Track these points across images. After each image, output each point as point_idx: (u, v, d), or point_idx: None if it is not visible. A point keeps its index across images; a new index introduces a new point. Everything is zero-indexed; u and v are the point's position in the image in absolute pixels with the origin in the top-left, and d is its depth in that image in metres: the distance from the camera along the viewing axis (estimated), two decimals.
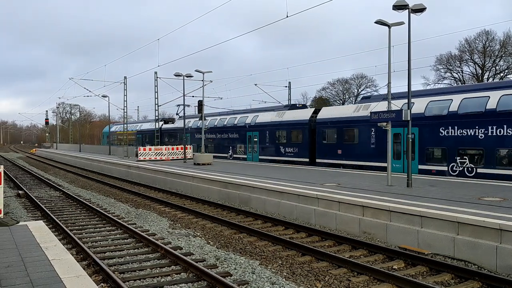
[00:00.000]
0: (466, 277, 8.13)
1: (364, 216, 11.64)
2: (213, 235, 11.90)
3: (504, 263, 8.44)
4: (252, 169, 23.64)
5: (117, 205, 17.12)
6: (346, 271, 8.69)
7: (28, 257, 6.91)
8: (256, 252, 10.13)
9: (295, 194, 14.10)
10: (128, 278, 8.17)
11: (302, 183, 16.01)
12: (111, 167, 32.46)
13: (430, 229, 9.97)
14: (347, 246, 10.58)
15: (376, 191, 13.80)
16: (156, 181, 24.17)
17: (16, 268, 6.32)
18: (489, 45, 50.71)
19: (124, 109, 43.41)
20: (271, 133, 30.35)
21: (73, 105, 78.00)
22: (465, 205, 10.85)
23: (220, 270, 8.61)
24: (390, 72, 15.81)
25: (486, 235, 8.89)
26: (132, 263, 9.15)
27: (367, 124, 22.50)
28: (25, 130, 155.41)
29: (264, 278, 8.07)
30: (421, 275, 8.52)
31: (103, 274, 8.18)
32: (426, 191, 13.69)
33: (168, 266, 8.93)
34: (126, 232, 12.01)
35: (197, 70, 28.43)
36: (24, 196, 19.40)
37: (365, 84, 67.72)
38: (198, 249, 10.29)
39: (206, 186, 19.28)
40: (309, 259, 9.54)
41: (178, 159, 33.40)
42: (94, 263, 8.77)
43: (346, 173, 20.30)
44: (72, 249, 10.14)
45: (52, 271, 6.16)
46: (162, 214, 15.26)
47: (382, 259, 9.58)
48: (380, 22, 15.34)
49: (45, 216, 14.46)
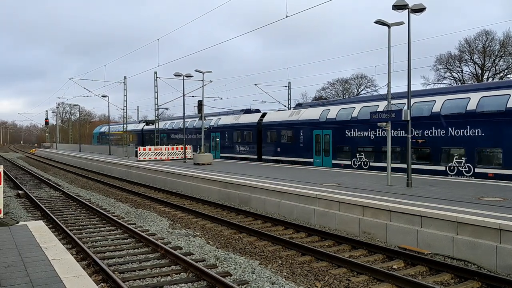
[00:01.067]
0: (466, 277, 8.13)
1: (364, 216, 11.64)
2: (213, 235, 11.90)
3: (504, 263, 8.44)
4: (252, 169, 23.64)
5: (117, 205, 17.12)
6: (345, 271, 8.69)
7: (28, 257, 6.91)
8: (256, 252, 10.14)
9: (295, 194, 14.10)
10: (128, 278, 8.17)
11: (302, 183, 16.02)
12: (111, 167, 32.46)
13: (430, 229, 9.97)
14: (347, 246, 10.58)
15: (376, 191, 13.80)
16: (156, 181, 24.18)
17: (16, 268, 6.32)
18: (488, 45, 50.72)
19: (124, 109, 43.44)
20: (229, 134, 34.05)
21: (73, 105, 77.99)
22: (465, 205, 10.85)
23: (220, 270, 8.61)
24: (390, 72, 15.81)
25: (486, 235, 8.89)
26: (132, 263, 9.15)
27: (297, 127, 27.86)
28: (25, 130, 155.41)
29: (264, 278, 8.08)
30: (421, 275, 8.52)
31: (103, 274, 8.19)
32: (426, 191, 13.70)
33: (168, 266, 8.93)
34: (126, 232, 12.02)
35: (197, 70, 28.44)
36: (24, 196, 19.40)
37: (365, 84, 67.77)
38: (198, 249, 10.30)
39: (206, 186, 19.29)
40: (309, 259, 9.55)
41: (178, 159, 33.42)
42: (94, 263, 8.77)
43: (346, 173, 20.31)
44: (72, 249, 10.14)
45: (52, 271, 6.16)
46: (162, 214, 15.26)
47: (382, 259, 9.58)
48: (379, 22, 15.35)
49: (45, 216, 14.47)
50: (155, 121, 37.06)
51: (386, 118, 15.07)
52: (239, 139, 34.67)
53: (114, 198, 19.32)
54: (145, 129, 50.29)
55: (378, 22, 15.39)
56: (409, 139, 15.04)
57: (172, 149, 34.13)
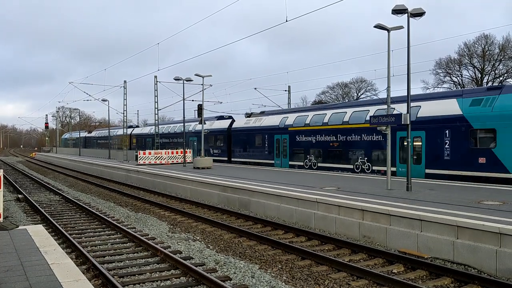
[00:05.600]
0: (466, 281, 8.13)
1: (364, 220, 11.63)
2: (212, 239, 11.89)
3: (504, 266, 8.43)
4: (251, 172, 23.64)
5: (117, 209, 17.10)
6: (345, 275, 8.68)
7: (28, 261, 6.90)
8: (256, 256, 10.12)
9: (295, 198, 14.09)
10: (127, 282, 8.16)
11: (301, 187, 16.01)
12: (111, 171, 32.45)
13: (429, 233, 9.97)
14: (347, 250, 10.57)
15: (375, 194, 13.80)
16: (156, 185, 24.16)
17: (15, 272, 6.31)
18: (488, 49, 50.82)
19: (124, 113, 43.48)
20: (205, 138, 35.72)
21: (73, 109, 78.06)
22: (465, 209, 10.85)
23: (219, 274, 8.60)
24: (390, 76, 15.84)
25: (486, 239, 8.89)
26: (131, 267, 9.14)
27: (261, 132, 31.35)
28: (25, 134, 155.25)
29: (263, 282, 8.07)
30: (421, 279, 8.51)
31: (102, 278, 8.17)
32: (426, 194, 13.70)
33: (167, 270, 8.92)
34: (125, 236, 12.00)
35: (196, 74, 28.50)
36: (23, 200, 19.38)
37: (364, 88, 67.85)
38: (198, 253, 10.28)
39: (205, 190, 19.28)
40: (308, 263, 9.54)
41: (177, 163, 33.43)
42: (94, 267, 8.76)
43: (345, 177, 20.31)
44: (72, 253, 10.13)
45: (52, 275, 6.15)
46: (162, 218, 15.24)
47: (381, 263, 9.57)
48: (379, 26, 15.40)
49: (44, 220, 14.45)
50: (121, 127, 40.29)
51: (386, 122, 15.12)
52: (212, 143, 37.99)
53: (113, 202, 19.30)
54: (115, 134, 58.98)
55: (377, 27, 15.44)
56: (409, 143, 15.07)
57: (172, 153, 34.20)
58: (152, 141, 44.51)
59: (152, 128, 45.26)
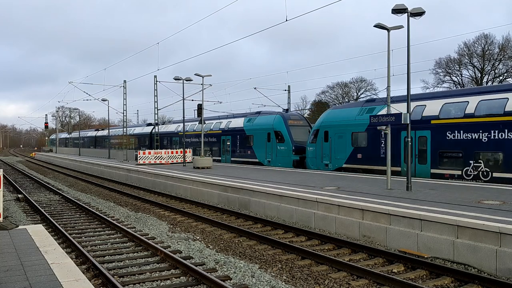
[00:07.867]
0: (466, 281, 8.13)
1: (364, 219, 11.63)
2: (212, 239, 11.89)
3: (504, 266, 8.43)
4: (252, 172, 23.63)
5: (117, 209, 17.10)
6: (345, 274, 8.68)
7: (28, 261, 6.90)
8: (256, 255, 10.12)
9: (295, 197, 14.09)
10: (127, 282, 8.16)
11: (301, 187, 16.01)
12: (111, 171, 32.44)
13: (430, 232, 9.96)
14: (347, 250, 10.56)
15: (375, 194, 13.79)
16: (156, 184, 24.16)
17: (15, 272, 6.31)
18: (488, 49, 50.82)
19: (123, 113, 43.46)
20: (179, 139, 37.88)
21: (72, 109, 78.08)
22: (465, 209, 10.85)
23: (219, 273, 8.60)
24: (389, 76, 15.84)
25: (486, 239, 8.89)
26: (131, 267, 9.14)
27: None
28: (25, 134, 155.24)
29: (263, 282, 8.06)
30: (421, 279, 8.51)
31: (102, 278, 8.17)
32: (426, 194, 13.69)
33: (167, 270, 8.92)
34: (125, 236, 12.00)
35: (196, 74, 28.49)
36: (23, 200, 19.37)
37: (364, 88, 67.84)
38: (198, 252, 10.28)
39: (205, 190, 19.27)
40: (308, 262, 9.54)
41: (177, 162, 33.41)
42: (94, 267, 8.76)
43: (345, 177, 20.30)
44: (72, 253, 10.13)
45: (52, 275, 6.15)
46: (162, 217, 15.24)
47: (382, 263, 9.57)
48: (379, 26, 15.39)
49: (44, 220, 14.45)
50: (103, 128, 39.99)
51: (385, 121, 15.12)
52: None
53: (113, 201, 19.29)
54: (97, 135, 64.15)
55: (377, 26, 15.43)
56: (409, 143, 15.06)
57: (171, 153, 34.15)
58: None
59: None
